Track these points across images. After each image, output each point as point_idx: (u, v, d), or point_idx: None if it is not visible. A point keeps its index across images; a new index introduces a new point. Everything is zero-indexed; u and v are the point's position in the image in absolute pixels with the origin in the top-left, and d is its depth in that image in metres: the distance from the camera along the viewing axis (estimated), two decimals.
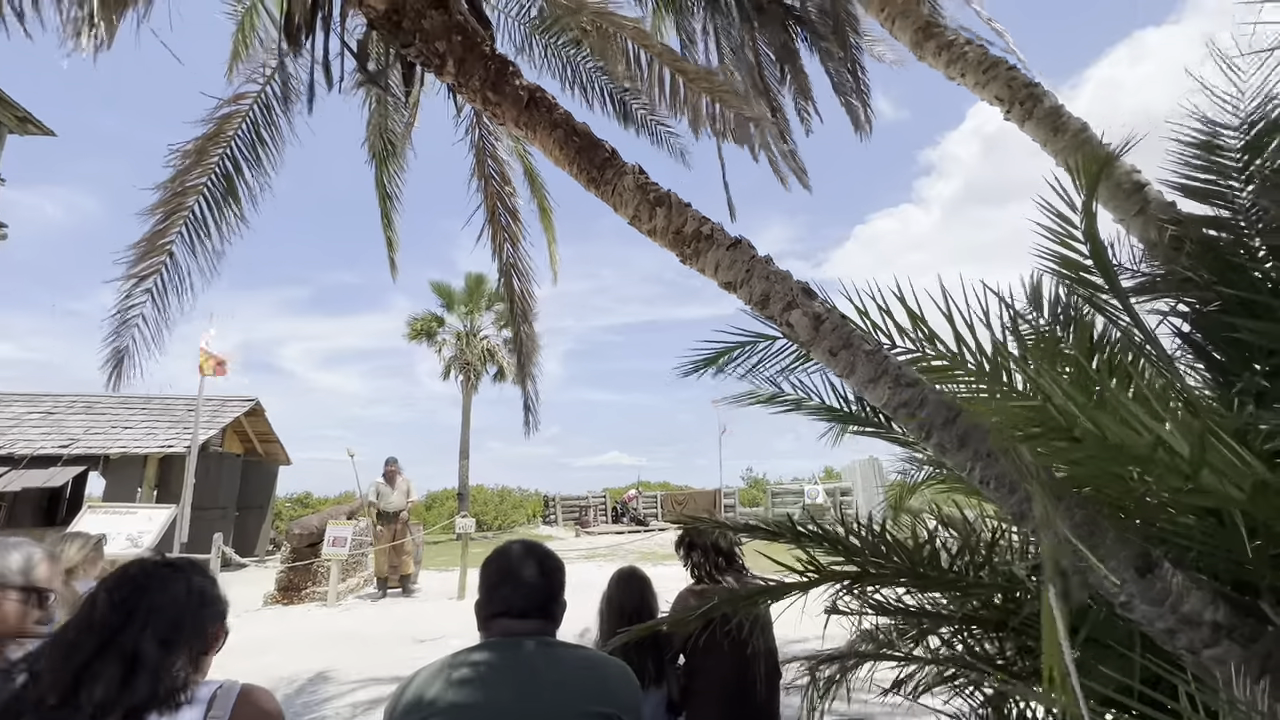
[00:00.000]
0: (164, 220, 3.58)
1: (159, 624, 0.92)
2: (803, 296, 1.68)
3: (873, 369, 1.56)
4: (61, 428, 10.45)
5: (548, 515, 22.44)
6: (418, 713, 0.94)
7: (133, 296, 3.61)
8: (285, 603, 7.66)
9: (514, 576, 1.14)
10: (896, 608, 1.83)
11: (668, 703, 2.05)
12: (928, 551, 1.59)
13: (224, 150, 3.57)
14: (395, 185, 4.46)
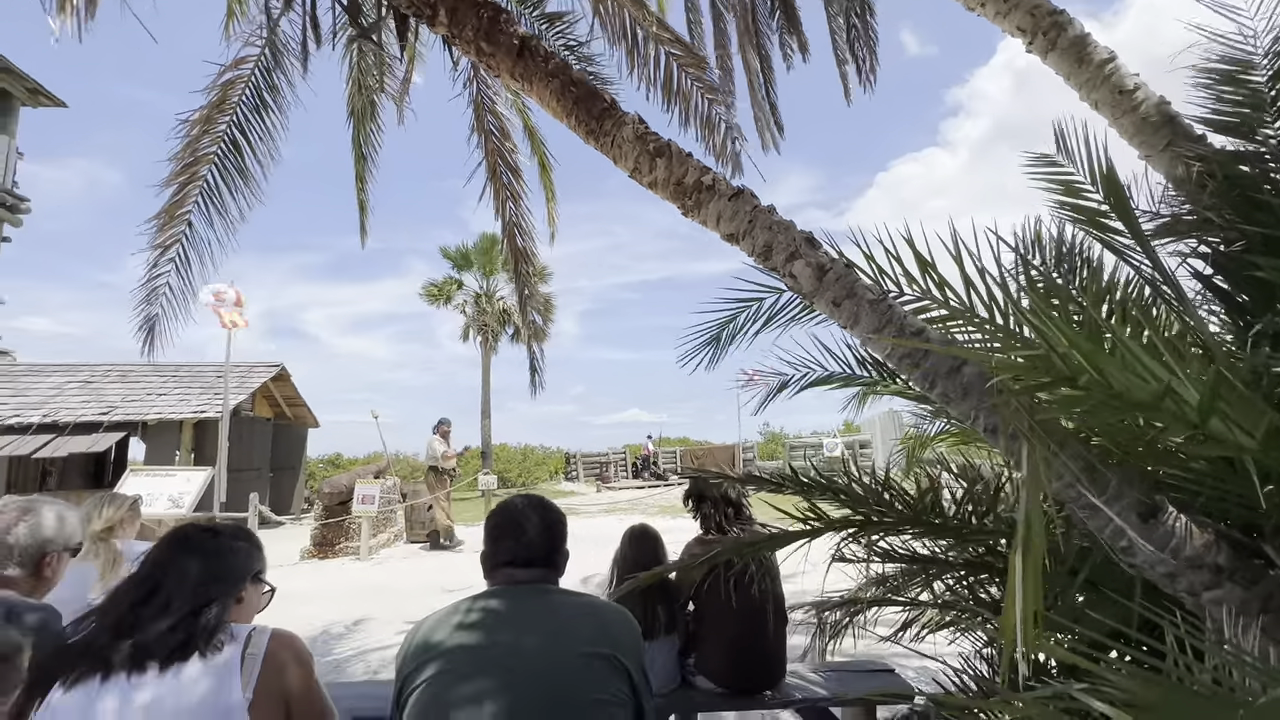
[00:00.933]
0: (180, 190, 3.60)
1: (197, 580, 1.03)
2: (806, 246, 1.64)
3: (877, 319, 1.54)
4: (100, 396, 10.85)
5: (569, 472, 22.96)
6: (426, 654, 1.00)
7: (158, 266, 3.69)
8: (320, 557, 8.04)
9: (517, 528, 1.18)
10: (901, 555, 1.86)
11: (680, 648, 2.13)
12: (930, 499, 1.59)
13: (230, 117, 3.55)
14: (371, 145, 4.36)
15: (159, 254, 3.68)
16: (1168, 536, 1.19)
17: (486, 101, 4.03)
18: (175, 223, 3.66)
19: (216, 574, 1.06)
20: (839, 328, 1.87)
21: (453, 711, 0.91)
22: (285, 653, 1.02)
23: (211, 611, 1.00)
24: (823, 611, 2.02)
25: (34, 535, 1.36)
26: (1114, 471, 1.23)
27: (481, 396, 20.81)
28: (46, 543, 1.37)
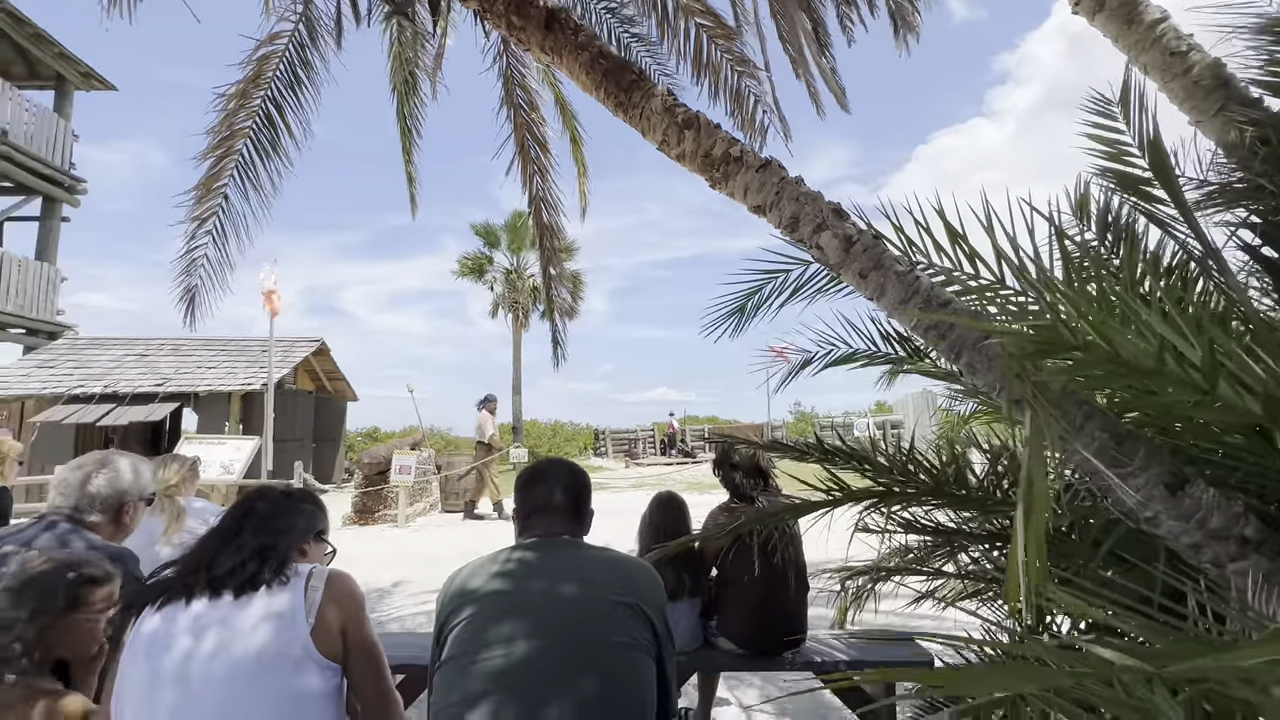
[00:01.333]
0: (216, 164, 3.68)
1: (269, 528, 1.16)
2: (833, 218, 1.64)
3: (903, 290, 1.53)
4: (155, 369, 11.44)
5: (598, 448, 23.29)
6: (464, 597, 1.08)
7: (196, 238, 3.79)
8: (361, 524, 8.41)
9: (545, 488, 1.26)
10: (924, 525, 1.87)
11: (702, 610, 2.20)
12: (954, 471, 1.60)
13: (265, 92, 3.61)
14: (415, 120, 4.40)
15: (196, 226, 3.78)
16: (1194, 508, 1.18)
17: (516, 75, 4.03)
18: (212, 195, 3.75)
19: (285, 526, 1.19)
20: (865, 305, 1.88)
21: (487, 649, 0.99)
22: (341, 588, 1.13)
23: (279, 551, 1.13)
24: (845, 579, 2.05)
25: (113, 485, 1.49)
26: (1143, 443, 1.23)
27: (513, 373, 21.17)
28: (124, 493, 1.50)
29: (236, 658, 1.00)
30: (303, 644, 1.03)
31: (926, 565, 2.01)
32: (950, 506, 1.73)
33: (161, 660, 0.99)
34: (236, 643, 1.01)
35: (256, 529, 1.16)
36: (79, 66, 13.17)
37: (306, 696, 1.02)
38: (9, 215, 12.88)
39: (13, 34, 11.96)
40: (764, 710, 2.76)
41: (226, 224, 3.76)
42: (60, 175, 13.01)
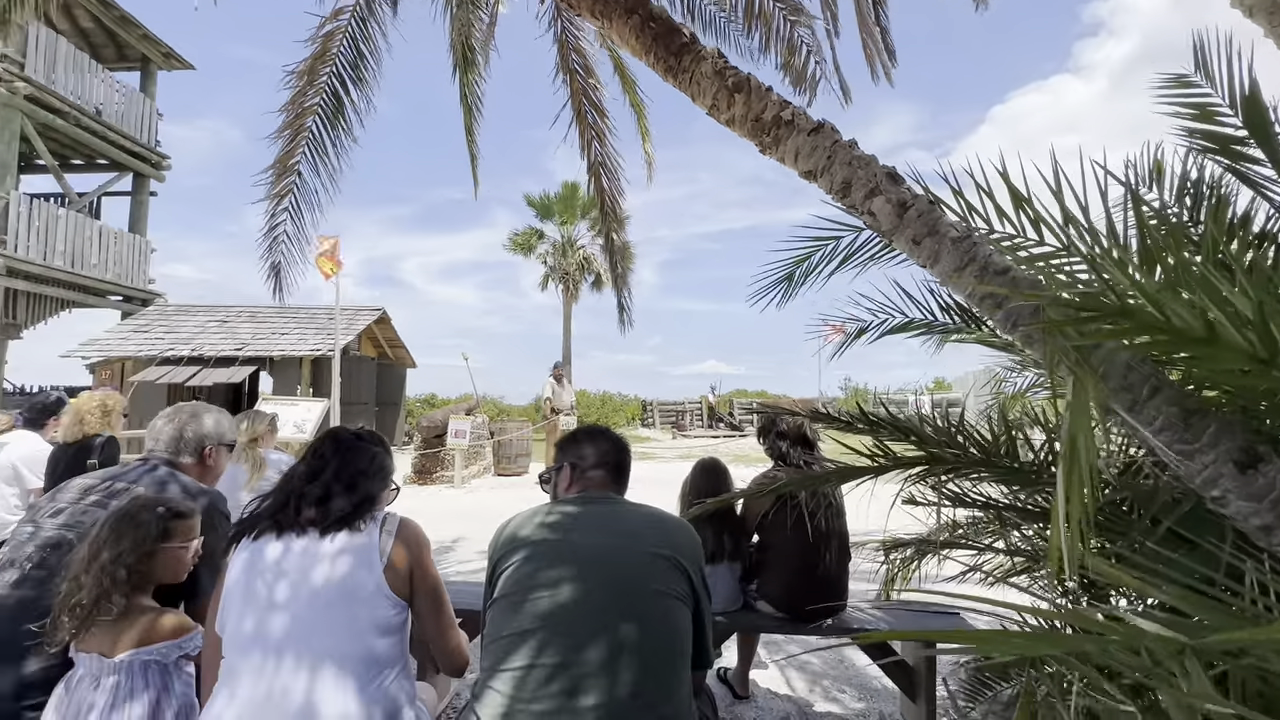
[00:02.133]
0: (290, 141, 3.86)
1: (346, 471, 1.27)
2: (887, 182, 1.59)
3: (958, 257, 1.48)
4: (235, 334, 12.27)
5: (645, 419, 23.52)
6: (513, 544, 1.16)
7: (276, 215, 4.00)
8: (420, 483, 8.88)
9: (588, 450, 1.34)
10: (974, 499, 1.84)
11: (741, 574, 2.25)
12: (1005, 442, 1.56)
13: (330, 69, 3.72)
14: (475, 95, 4.43)
15: (275, 204, 3.97)
16: (1267, 488, 1.12)
17: (571, 39, 4.00)
18: (288, 173, 3.94)
19: (363, 468, 1.30)
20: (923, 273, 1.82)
21: (535, 591, 1.06)
22: (410, 534, 1.26)
23: (358, 493, 1.24)
24: (889, 550, 2.05)
25: (196, 431, 1.66)
26: (1213, 418, 1.17)
27: (563, 344, 21.56)
28: (205, 437, 1.67)
29: (319, 588, 1.11)
30: (376, 582, 1.14)
31: (975, 541, 1.98)
32: (1001, 480, 1.69)
33: (255, 586, 1.12)
34: (319, 575, 1.12)
35: (338, 471, 1.26)
36: (161, 47, 13.92)
37: (378, 627, 1.13)
38: (105, 190, 13.93)
39: (103, 18, 12.74)
40: (802, 674, 2.81)
41: (301, 200, 3.93)
42: (148, 152, 13.92)
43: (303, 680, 1.05)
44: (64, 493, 1.50)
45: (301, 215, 4.04)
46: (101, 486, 1.50)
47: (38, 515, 1.46)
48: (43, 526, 1.42)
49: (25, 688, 1.23)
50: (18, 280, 11.04)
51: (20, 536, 1.43)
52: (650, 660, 1.00)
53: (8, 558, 1.39)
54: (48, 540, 1.39)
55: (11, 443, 3.18)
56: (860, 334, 2.41)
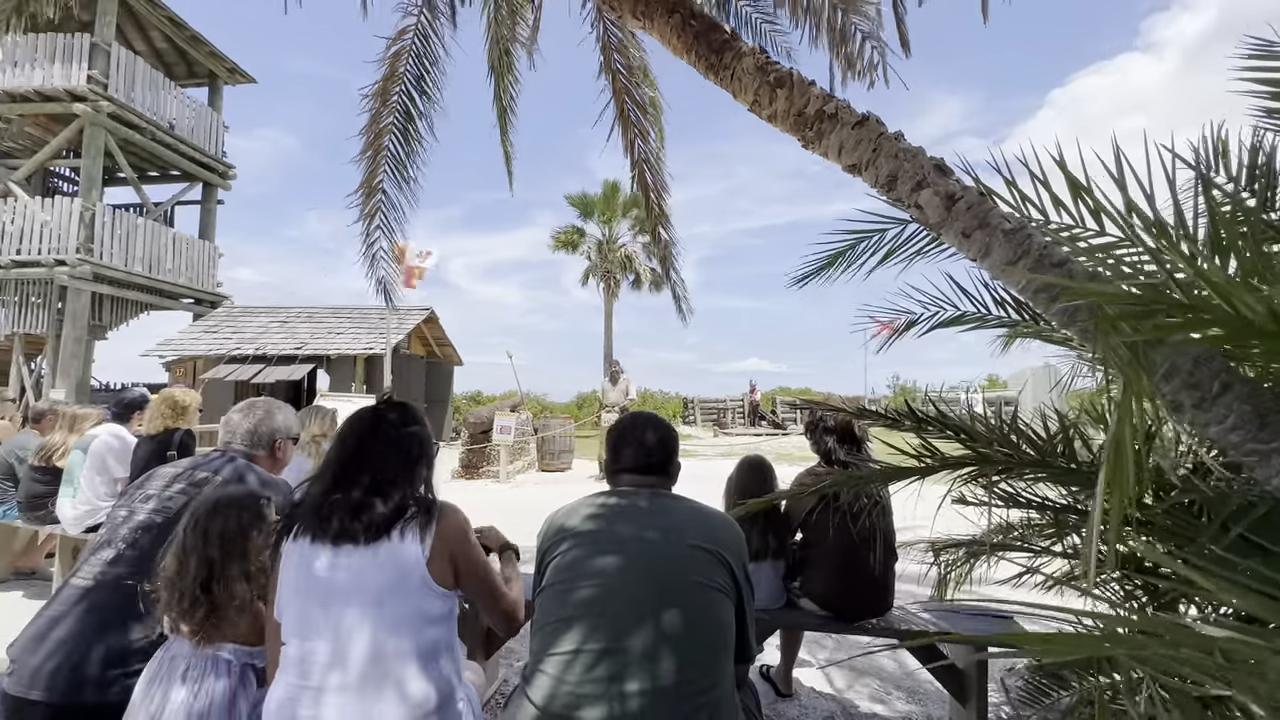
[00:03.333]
0: (373, 162, 4.00)
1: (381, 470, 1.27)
2: (935, 174, 1.56)
3: (1011, 250, 1.44)
4: (294, 334, 12.89)
5: (687, 416, 23.47)
6: (561, 534, 1.20)
7: (370, 234, 4.17)
8: (467, 478, 9.14)
9: (635, 439, 1.35)
10: (1028, 501, 1.78)
11: (785, 573, 2.24)
12: (1061, 441, 1.50)
13: (400, 88, 3.84)
14: (510, 97, 4.51)
15: (368, 223, 4.14)
16: None
17: (614, 40, 4.04)
18: (374, 192, 4.09)
19: (402, 458, 1.29)
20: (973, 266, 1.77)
21: (581, 579, 1.10)
22: (450, 523, 1.25)
23: (395, 499, 1.22)
24: (938, 552, 2.00)
25: (267, 425, 1.77)
26: None
27: (604, 341, 21.72)
28: (275, 430, 1.78)
29: (366, 586, 1.14)
30: (420, 575, 1.16)
31: (1031, 544, 1.91)
32: (1058, 481, 1.63)
33: (306, 579, 1.16)
34: (366, 572, 1.15)
35: (374, 472, 1.25)
36: (226, 63, 14.75)
37: (426, 618, 1.16)
38: (178, 200, 14.86)
39: (175, 38, 13.58)
40: (847, 674, 2.77)
41: (389, 216, 4.10)
42: (215, 163, 14.78)
43: (357, 672, 1.09)
44: (153, 480, 1.63)
45: (390, 232, 4.22)
46: (185, 474, 1.63)
47: (131, 500, 1.60)
48: (136, 511, 1.55)
49: (126, 655, 1.35)
50: (104, 285, 11.92)
51: (115, 519, 1.56)
52: (693, 649, 1.02)
53: (105, 538, 1.52)
54: (140, 524, 1.52)
55: (102, 435, 3.46)
56: (909, 327, 2.35)
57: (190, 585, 1.24)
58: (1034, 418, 1.90)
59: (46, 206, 11.51)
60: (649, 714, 0.94)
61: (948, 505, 1.74)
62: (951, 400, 11.29)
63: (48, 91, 11.47)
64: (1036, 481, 1.66)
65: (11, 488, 3.85)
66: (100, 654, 1.35)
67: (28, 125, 12.49)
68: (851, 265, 2.04)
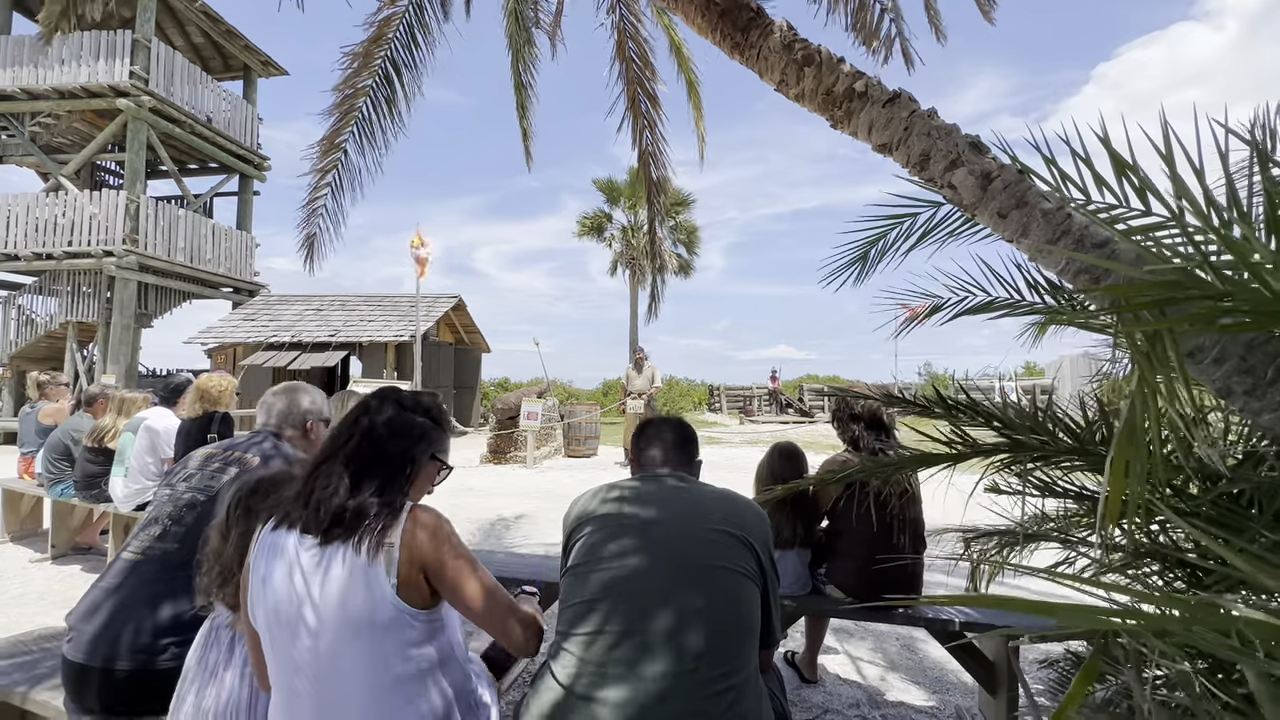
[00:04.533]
0: (339, 120, 3.92)
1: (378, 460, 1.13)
2: (970, 152, 1.50)
3: (1050, 230, 1.39)
4: (328, 321, 13.22)
5: (713, 403, 23.41)
6: (584, 518, 1.21)
7: (318, 190, 4.07)
8: (495, 462, 9.29)
9: (658, 437, 1.41)
10: (1065, 490, 1.72)
11: (811, 559, 2.23)
12: (1100, 428, 1.45)
13: (385, 52, 3.79)
14: (530, 75, 4.49)
15: (318, 178, 4.05)
16: None
17: (629, 27, 3.99)
18: (334, 150, 4.00)
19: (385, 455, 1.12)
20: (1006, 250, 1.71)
21: (603, 561, 1.11)
22: (418, 533, 1.07)
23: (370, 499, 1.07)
24: (968, 542, 1.96)
25: (299, 407, 1.82)
26: None
27: (629, 328, 21.75)
28: (306, 413, 1.83)
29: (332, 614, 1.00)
30: (392, 604, 1.01)
31: (1067, 534, 1.86)
32: (1096, 469, 1.57)
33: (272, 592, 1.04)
34: (332, 595, 1.00)
35: (368, 462, 1.10)
36: (260, 56, 15.05)
37: (406, 645, 1.03)
38: (217, 191, 15.31)
39: (211, 32, 13.90)
40: (873, 662, 2.76)
41: (344, 177, 4.00)
42: (251, 155, 15.15)
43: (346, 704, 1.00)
44: (191, 460, 1.71)
45: (342, 192, 4.11)
46: (221, 455, 1.70)
47: (173, 480, 1.67)
48: (178, 489, 1.63)
49: (177, 624, 1.42)
50: (148, 275, 12.38)
51: (160, 498, 1.64)
52: (717, 632, 1.02)
53: (152, 515, 1.60)
54: (183, 501, 1.59)
55: (150, 418, 3.62)
56: (935, 311, 2.29)
57: (231, 559, 1.29)
58: (1070, 404, 1.84)
59: (95, 199, 11.98)
60: (672, 695, 0.95)
61: (979, 496, 1.70)
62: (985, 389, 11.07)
63: (93, 87, 11.89)
64: (1073, 470, 1.61)
65: (68, 468, 4.06)
66: (151, 623, 1.43)
67: (75, 121, 12.97)
68: (884, 255, 1.99)
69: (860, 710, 2.31)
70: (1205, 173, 1.33)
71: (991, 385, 15.21)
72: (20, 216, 12.04)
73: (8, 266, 12.29)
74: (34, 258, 12.01)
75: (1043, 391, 13.90)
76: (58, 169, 12.51)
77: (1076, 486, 1.73)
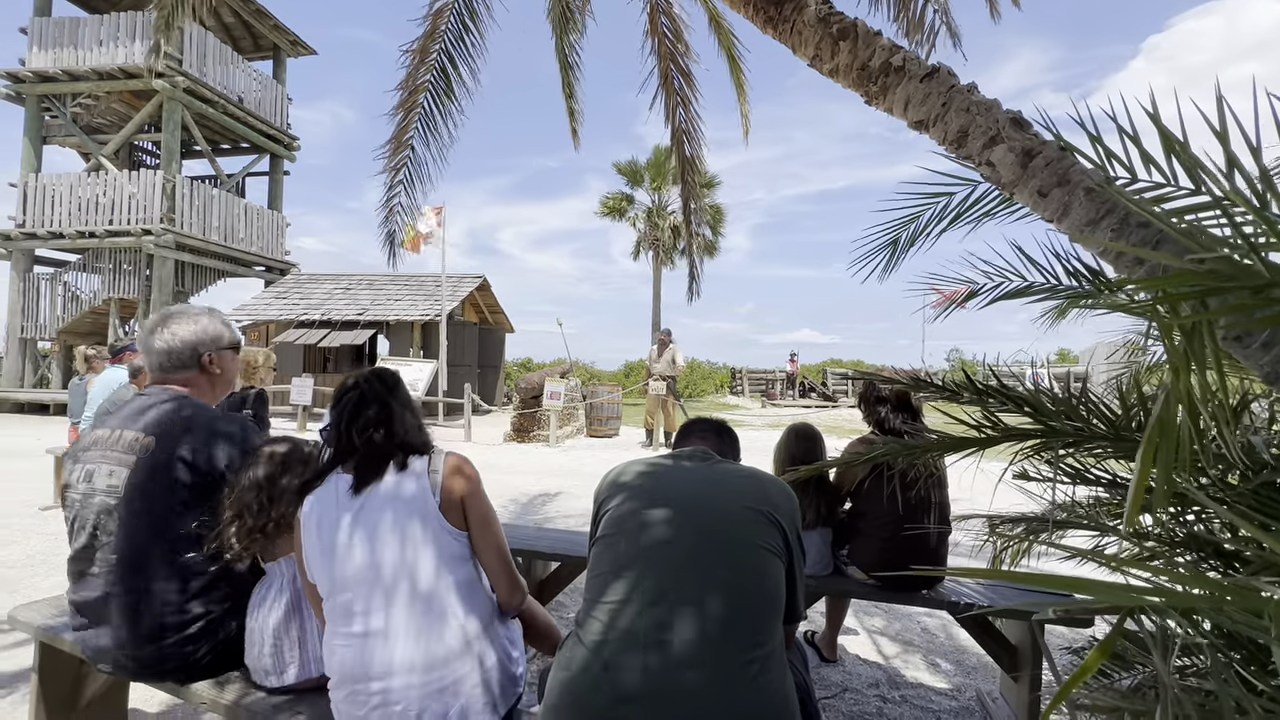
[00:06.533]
0: (404, 118, 4.08)
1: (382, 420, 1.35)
2: (1010, 128, 1.46)
3: (1093, 210, 1.35)
4: (356, 300, 13.47)
5: (735, 386, 23.33)
6: (616, 488, 1.24)
7: (393, 188, 4.27)
8: (518, 441, 9.43)
9: (697, 431, 1.49)
10: (1097, 477, 1.70)
11: (833, 538, 2.23)
12: (1137, 415, 1.42)
13: (440, 45, 3.88)
14: (575, 55, 4.47)
15: (392, 176, 4.23)
16: None
17: (661, 3, 3.93)
18: (402, 148, 4.22)
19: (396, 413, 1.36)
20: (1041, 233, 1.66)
21: (631, 533, 1.13)
22: (458, 467, 1.31)
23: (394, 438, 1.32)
24: (994, 527, 1.95)
25: (180, 340, 1.56)
26: None
27: (652, 311, 21.71)
28: (197, 344, 1.57)
29: (390, 530, 1.22)
30: (436, 517, 1.24)
31: (1098, 521, 1.83)
32: (1131, 457, 1.54)
33: (330, 537, 1.24)
34: (385, 519, 1.22)
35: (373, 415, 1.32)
36: (289, 35, 15.17)
37: (451, 555, 1.25)
38: (249, 171, 15.59)
39: (241, 12, 14.03)
40: (894, 643, 2.77)
41: (414, 173, 4.17)
42: (281, 134, 15.36)
43: (404, 613, 1.18)
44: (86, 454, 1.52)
45: (414, 187, 4.29)
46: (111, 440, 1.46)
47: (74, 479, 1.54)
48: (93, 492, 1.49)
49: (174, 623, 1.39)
50: (185, 254, 12.73)
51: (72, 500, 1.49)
52: (743, 605, 1.04)
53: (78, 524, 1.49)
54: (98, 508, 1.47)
55: None
56: (970, 297, 2.24)
57: (254, 519, 1.40)
58: (1106, 390, 1.80)
59: (134, 179, 12.32)
60: (699, 664, 0.98)
61: (1006, 482, 1.68)
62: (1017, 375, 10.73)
63: (130, 69, 12.14)
64: (1107, 458, 1.58)
65: None
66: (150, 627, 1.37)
67: (114, 101, 13.29)
68: (916, 240, 1.94)
69: (879, 690, 2.33)
70: (1262, 151, 1.28)
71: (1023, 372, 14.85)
72: (64, 196, 12.45)
73: (54, 244, 12.76)
74: (77, 236, 12.43)
75: (1076, 379, 13.54)
76: (98, 149, 12.87)
77: (1109, 474, 1.70)
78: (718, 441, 1.48)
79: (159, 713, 2.08)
